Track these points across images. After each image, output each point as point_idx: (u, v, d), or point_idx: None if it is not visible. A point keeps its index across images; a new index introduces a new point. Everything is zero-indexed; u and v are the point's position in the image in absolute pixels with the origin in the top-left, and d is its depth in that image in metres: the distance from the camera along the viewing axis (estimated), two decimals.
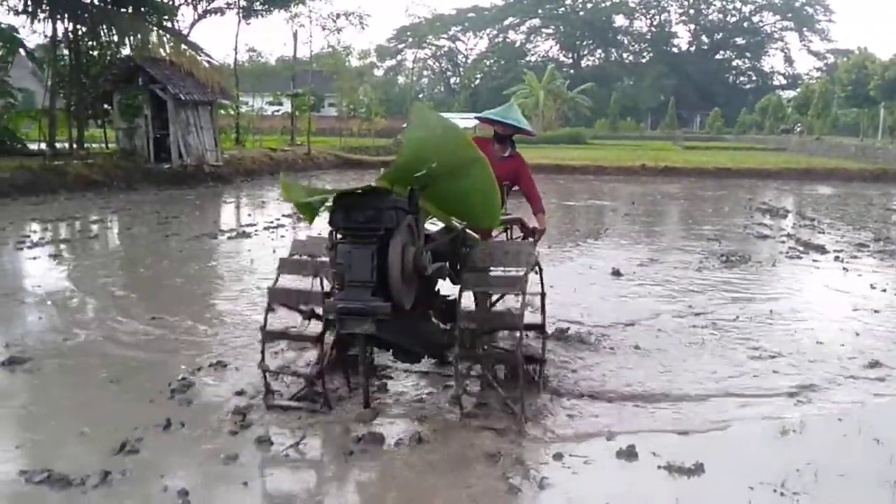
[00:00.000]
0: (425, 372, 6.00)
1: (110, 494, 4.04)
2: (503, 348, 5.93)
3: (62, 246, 12.19)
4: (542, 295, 5.75)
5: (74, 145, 24.37)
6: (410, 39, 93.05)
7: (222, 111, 30.07)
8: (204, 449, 4.59)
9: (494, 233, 6.17)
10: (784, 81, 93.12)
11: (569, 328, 7.23)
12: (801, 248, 12.72)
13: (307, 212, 4.72)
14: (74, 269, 10.42)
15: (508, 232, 6.44)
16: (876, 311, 8.39)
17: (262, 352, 5.19)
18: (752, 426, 5.18)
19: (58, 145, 24.08)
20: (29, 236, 12.81)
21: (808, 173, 30.52)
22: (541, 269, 5.52)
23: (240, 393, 5.48)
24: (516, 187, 6.33)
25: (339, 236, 4.49)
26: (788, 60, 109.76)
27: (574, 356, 6.58)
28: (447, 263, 5.17)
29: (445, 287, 5.51)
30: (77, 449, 4.60)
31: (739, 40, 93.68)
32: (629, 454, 4.60)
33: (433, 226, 5.30)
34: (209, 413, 5.13)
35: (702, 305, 8.63)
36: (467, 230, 5.35)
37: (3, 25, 24.10)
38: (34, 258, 11.02)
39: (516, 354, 4.91)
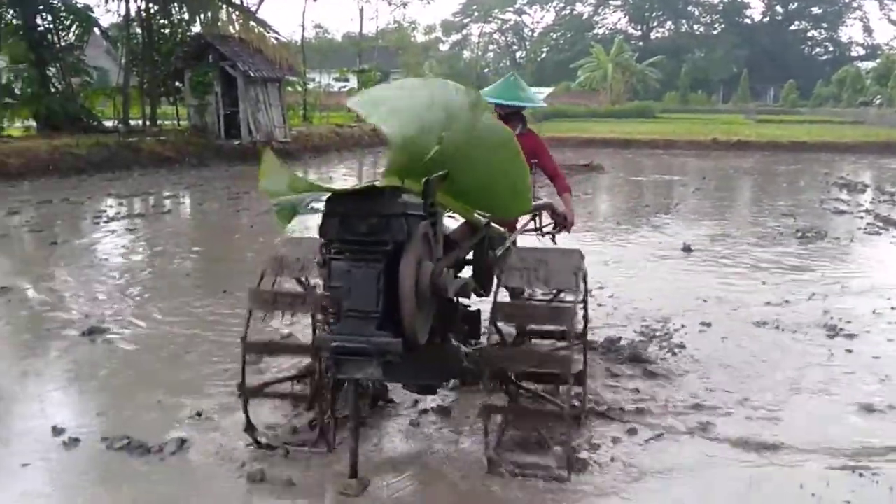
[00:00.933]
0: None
1: (186, 461, 4.14)
2: (545, 396, 4.30)
3: (137, 220, 12.49)
4: (585, 303, 4.67)
5: (147, 122, 24.93)
6: (476, 13, 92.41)
7: (290, 88, 30.35)
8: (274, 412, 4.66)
9: (521, 220, 5.45)
10: (863, 52, 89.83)
11: (620, 340, 5.99)
12: (880, 224, 12.30)
13: (283, 214, 3.59)
14: (149, 242, 10.68)
15: (538, 219, 5.66)
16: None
17: (243, 371, 4.15)
18: None
19: (131, 122, 24.66)
20: (105, 211, 13.17)
21: (888, 147, 29.39)
22: (585, 275, 4.39)
23: None
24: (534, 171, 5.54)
25: (333, 251, 3.45)
26: (867, 30, 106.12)
27: (637, 379, 5.33)
28: (471, 275, 4.36)
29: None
30: (154, 416, 4.72)
31: (815, 10, 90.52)
32: None
33: (449, 220, 4.25)
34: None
35: (783, 294, 8.29)
36: (491, 224, 4.47)
37: (78, 5, 24.68)
38: (111, 231, 11.33)
39: (564, 412, 3.83)
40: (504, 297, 4.39)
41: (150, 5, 24.83)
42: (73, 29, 24.49)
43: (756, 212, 14.40)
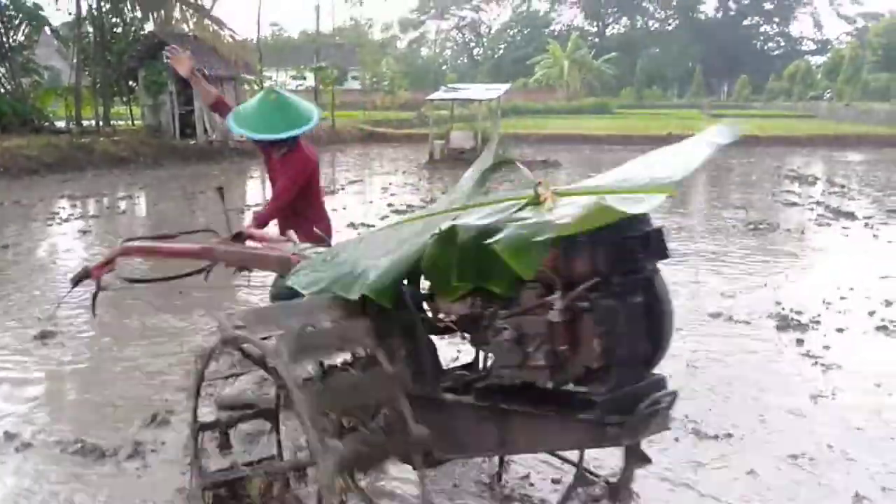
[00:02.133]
0: None
1: (142, 464, 4.11)
2: None
3: (91, 222, 12.32)
4: None
5: (101, 122, 24.57)
6: (433, 10, 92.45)
7: (246, 86, 30.13)
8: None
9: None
10: (813, 47, 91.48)
11: None
12: (830, 216, 12.57)
13: (527, 253, 2.34)
14: (103, 243, 10.54)
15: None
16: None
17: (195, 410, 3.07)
18: None
19: (84, 123, 24.29)
20: (58, 213, 12.97)
21: (838, 140, 30.06)
22: None
23: None
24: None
25: (597, 289, 2.42)
26: (818, 25, 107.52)
27: None
28: None
29: None
30: (109, 420, 4.67)
31: (767, 5, 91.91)
32: None
33: None
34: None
35: (735, 285, 8.51)
36: None
37: (28, 4, 24.24)
38: (63, 234, 11.17)
39: None
40: None
41: (102, 4, 24.49)
42: (22, 28, 24.09)
43: (710, 205, 14.63)
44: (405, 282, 2.81)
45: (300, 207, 4.93)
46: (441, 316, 2.84)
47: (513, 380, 2.57)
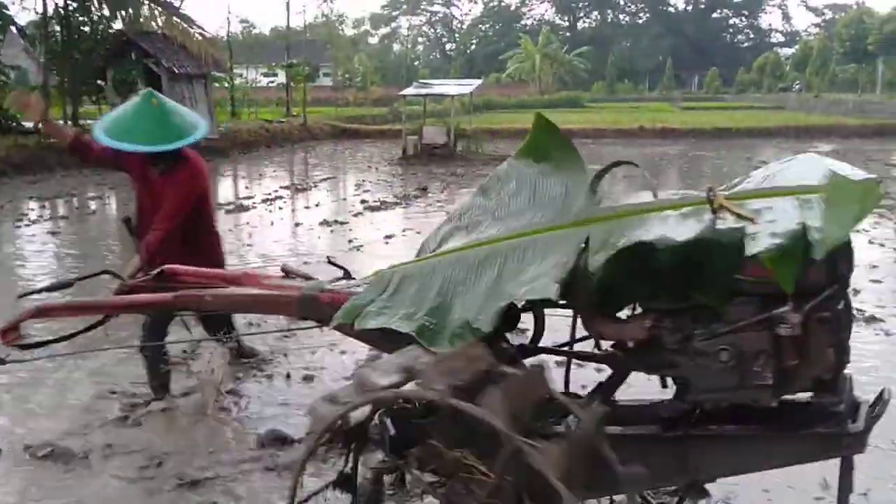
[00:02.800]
0: None
1: (113, 467, 4.07)
2: None
3: (60, 223, 12.18)
4: None
5: (69, 122, 24.24)
6: (405, 6, 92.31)
7: (217, 84, 29.90)
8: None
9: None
10: (782, 39, 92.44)
11: None
12: None
13: (791, 267, 2.18)
14: (73, 245, 10.43)
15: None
16: (874, 267, 8.39)
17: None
18: None
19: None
20: (27, 214, 12.81)
21: (808, 131, 30.38)
22: None
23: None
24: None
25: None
26: (786, 17, 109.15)
27: None
28: None
29: None
30: (78, 424, 4.63)
31: None
32: None
33: None
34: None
35: None
36: None
37: None
38: (32, 235, 11.03)
39: None
40: None
41: (69, 2, 24.14)
42: None
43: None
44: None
45: (188, 231, 4.36)
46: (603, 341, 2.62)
47: (719, 403, 2.41)
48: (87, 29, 25.31)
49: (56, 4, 24.03)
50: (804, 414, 2.43)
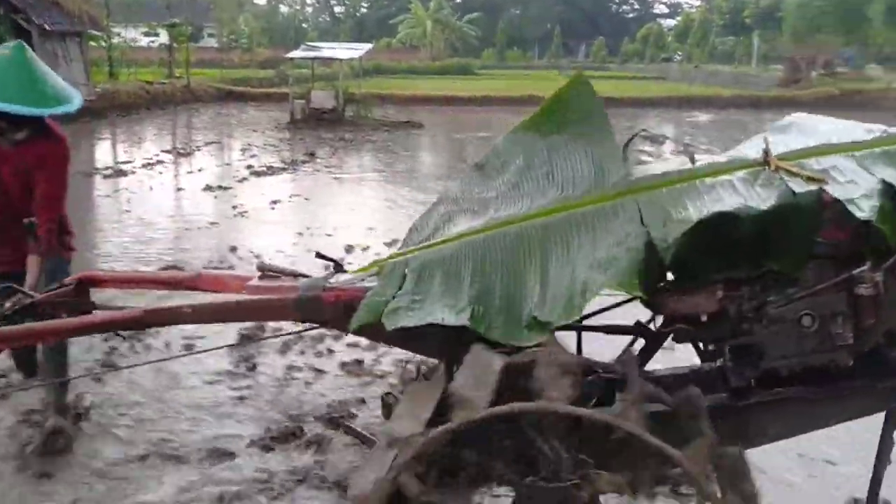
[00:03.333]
0: None
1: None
2: None
3: None
4: None
5: None
6: None
7: (93, 43, 28.48)
8: None
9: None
10: (666, 10, 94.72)
11: None
12: None
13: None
14: None
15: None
16: None
17: None
18: None
19: None
20: None
21: (688, 101, 31.41)
22: None
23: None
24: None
25: None
26: None
27: None
28: None
29: None
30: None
31: None
32: None
33: None
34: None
35: None
36: None
37: None
38: None
39: None
40: None
41: None
42: None
43: None
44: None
45: (20, 215, 3.63)
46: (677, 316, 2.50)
47: (793, 368, 2.39)
48: None
49: None
50: (877, 369, 2.47)
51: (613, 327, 2.79)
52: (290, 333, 4.35)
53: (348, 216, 10.19)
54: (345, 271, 2.89)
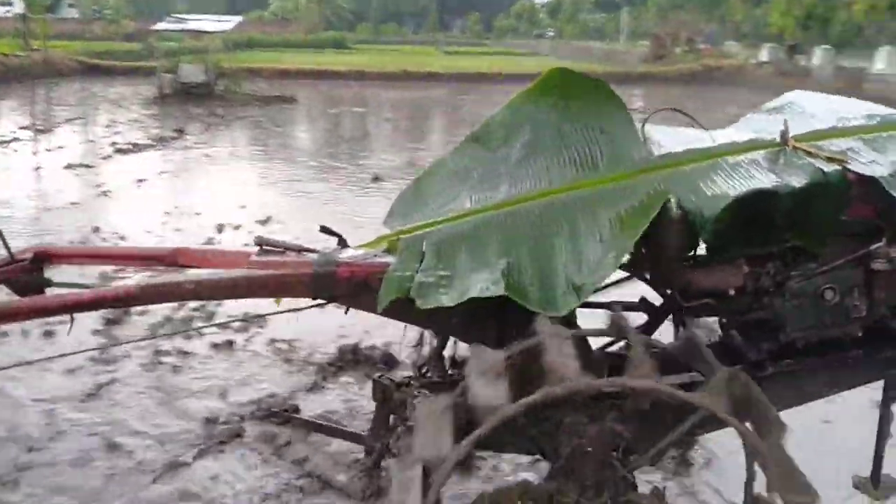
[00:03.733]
0: None
1: None
2: None
3: None
4: None
5: None
6: None
7: None
8: None
9: None
10: None
11: None
12: None
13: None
14: None
15: None
16: None
17: None
18: None
19: None
20: None
21: None
22: None
23: None
24: None
25: None
26: None
27: None
28: None
29: None
30: None
31: None
32: None
33: None
34: None
35: None
36: None
37: None
38: None
39: None
40: None
41: None
42: None
43: (445, 140, 15.13)
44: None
45: None
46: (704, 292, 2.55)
47: (809, 340, 2.49)
48: None
49: None
50: (880, 339, 2.62)
51: (619, 304, 2.81)
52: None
53: (219, 194, 9.99)
54: (347, 245, 2.85)
